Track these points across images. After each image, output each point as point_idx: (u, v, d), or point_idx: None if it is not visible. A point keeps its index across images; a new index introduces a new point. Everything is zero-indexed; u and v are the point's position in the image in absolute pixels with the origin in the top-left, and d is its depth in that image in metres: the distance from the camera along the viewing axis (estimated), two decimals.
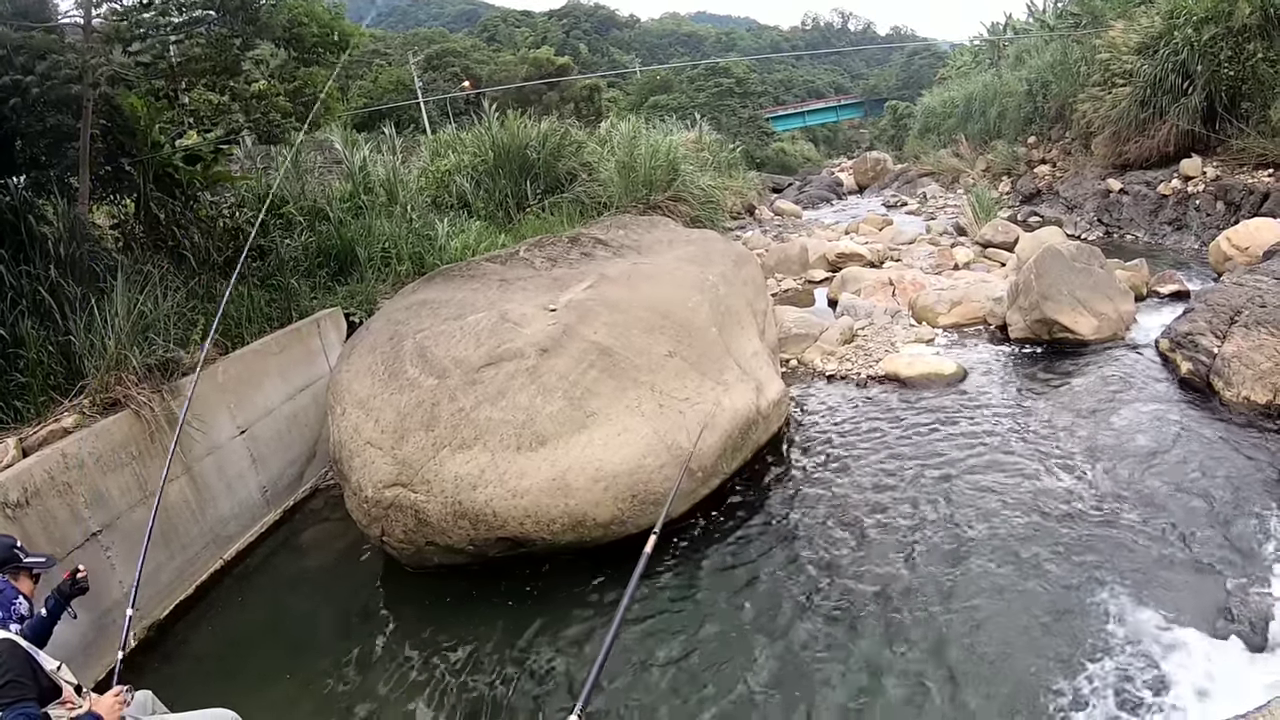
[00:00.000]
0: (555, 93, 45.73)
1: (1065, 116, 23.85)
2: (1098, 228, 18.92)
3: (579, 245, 9.78)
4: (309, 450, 8.88)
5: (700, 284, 8.27)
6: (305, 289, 9.94)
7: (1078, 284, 10.51)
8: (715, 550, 6.70)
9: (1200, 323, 9.01)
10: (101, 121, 8.44)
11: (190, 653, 6.21)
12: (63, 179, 8.06)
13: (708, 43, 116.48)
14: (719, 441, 6.81)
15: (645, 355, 7.02)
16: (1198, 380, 8.54)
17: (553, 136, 18.52)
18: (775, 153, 55.93)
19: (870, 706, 4.90)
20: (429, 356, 7.01)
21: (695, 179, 19.95)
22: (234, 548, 7.59)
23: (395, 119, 29.08)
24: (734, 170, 28.74)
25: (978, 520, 6.62)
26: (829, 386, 10.12)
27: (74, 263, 7.35)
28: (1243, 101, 16.47)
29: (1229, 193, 15.60)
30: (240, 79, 10.54)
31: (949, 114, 35.91)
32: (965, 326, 11.91)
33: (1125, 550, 5.97)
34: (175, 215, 9.44)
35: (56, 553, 5.52)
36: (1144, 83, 18.08)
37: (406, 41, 60.08)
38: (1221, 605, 5.30)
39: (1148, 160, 18.57)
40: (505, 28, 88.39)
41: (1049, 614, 5.43)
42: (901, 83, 75.59)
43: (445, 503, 6.20)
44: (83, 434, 6.05)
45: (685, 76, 60.46)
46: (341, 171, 15.20)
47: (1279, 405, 7.66)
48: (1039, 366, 9.92)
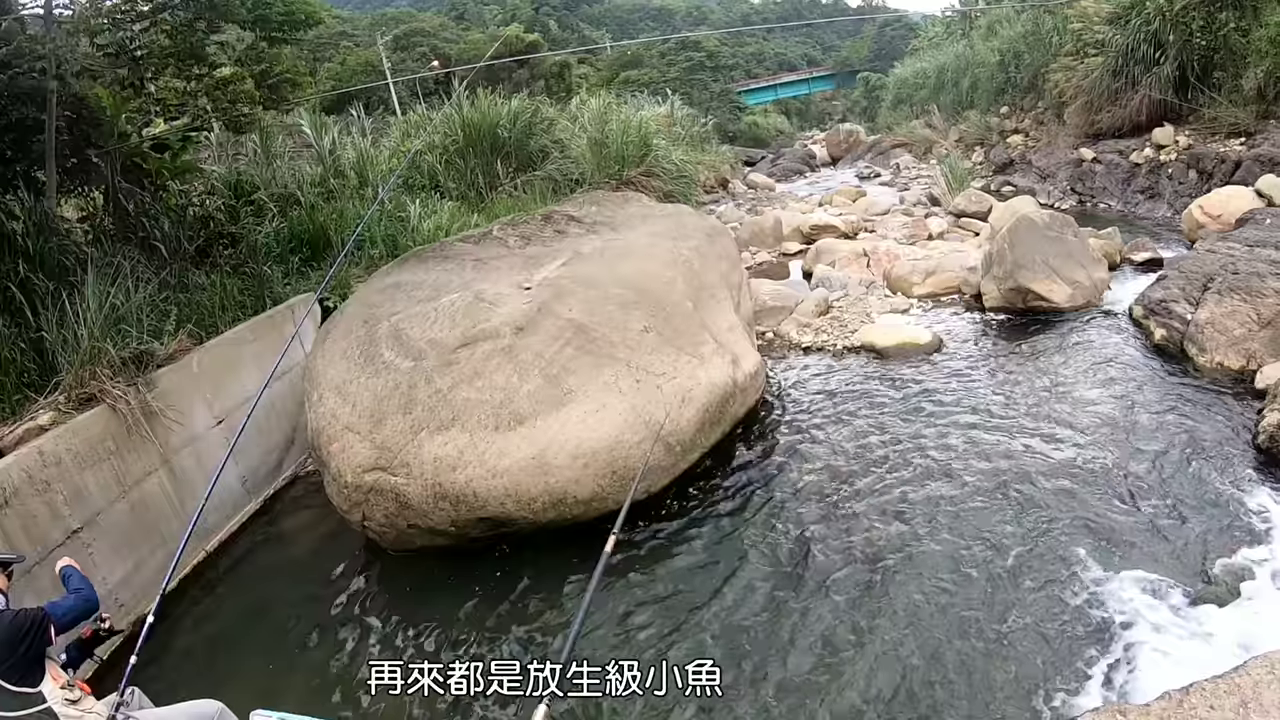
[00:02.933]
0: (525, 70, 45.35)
1: (1038, 86, 23.93)
2: (1071, 197, 19.05)
3: (552, 223, 9.75)
4: (287, 438, 8.85)
5: (674, 259, 8.28)
6: (278, 275, 9.86)
7: (1051, 252, 10.59)
8: (694, 523, 6.75)
9: (1174, 290, 9.11)
10: (67, 113, 8.32)
11: (175, 645, 6.20)
12: (29, 173, 7.96)
13: (678, 17, 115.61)
14: (696, 415, 6.83)
15: (621, 331, 7.03)
16: (1171, 347, 8.65)
17: (523, 114, 18.39)
18: (748, 126, 55.70)
19: (844, 670, 4.96)
20: (404, 339, 6.99)
21: (668, 154, 19.83)
22: (215, 539, 7.57)
23: (365, 101, 28.81)
24: (706, 145, 28.73)
25: (953, 486, 6.70)
26: (805, 358, 10.17)
27: (43, 257, 7.29)
28: (1214, 71, 16.55)
29: (1201, 161, 15.73)
30: (205, 64, 10.41)
31: (921, 85, 36.00)
32: (940, 296, 11.99)
33: (1100, 514, 6.06)
34: (144, 205, 9.33)
35: (38, 551, 5.52)
36: (1116, 52, 18.17)
37: (374, 23, 59.32)
38: (1195, 566, 5.40)
39: (1120, 129, 18.70)
40: (474, 6, 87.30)
41: (1023, 574, 5.52)
42: (873, 54, 75.18)
43: (425, 485, 6.20)
44: (59, 431, 6.01)
45: (656, 51, 59.95)
46: (311, 155, 15.05)
47: (1251, 371, 7.76)
48: (1014, 335, 10.01)
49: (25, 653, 3.40)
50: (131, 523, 6.50)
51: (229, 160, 12.44)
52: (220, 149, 12.85)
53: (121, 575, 6.31)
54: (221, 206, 10.62)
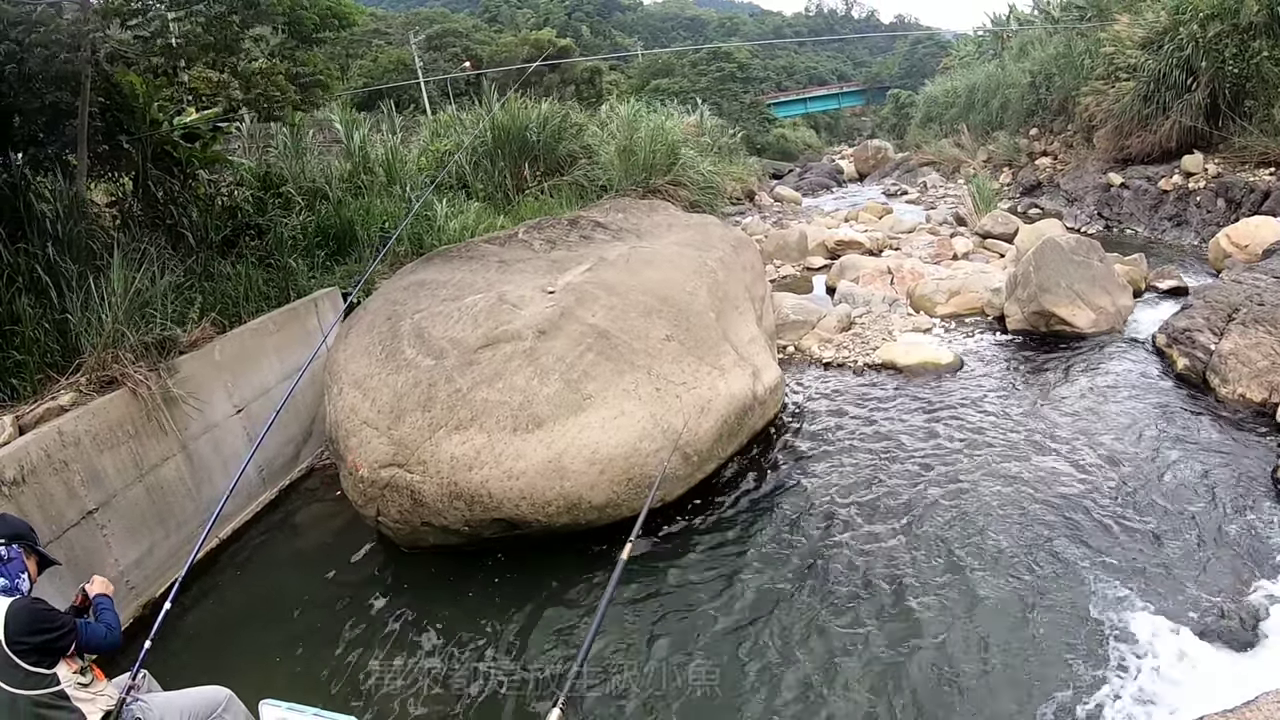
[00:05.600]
0: (556, 74, 45.52)
1: (1068, 109, 23.81)
2: (1097, 221, 18.92)
3: (578, 228, 9.76)
4: (305, 430, 8.88)
5: (699, 269, 8.26)
6: (303, 268, 9.91)
7: (1076, 277, 10.51)
8: (708, 533, 6.71)
9: (1198, 319, 9.02)
10: (100, 99, 8.40)
11: (185, 631, 6.22)
12: (61, 156, 8.04)
13: (710, 27, 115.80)
14: (715, 426, 6.82)
15: (643, 339, 7.02)
16: (1193, 376, 8.56)
17: (553, 119, 18.48)
18: (776, 139, 55.66)
19: (848, 687, 4.92)
20: (426, 337, 7.00)
21: (695, 163, 19.92)
22: (230, 526, 7.59)
23: (395, 99, 28.98)
24: (734, 155, 28.73)
25: (971, 509, 6.65)
26: (826, 373, 10.13)
27: (71, 240, 7.34)
28: (1246, 99, 16.46)
29: (1230, 190, 15.61)
30: (240, 57, 10.49)
31: (951, 104, 35.81)
32: (963, 316, 11.92)
33: (1117, 544, 6.00)
34: (173, 193, 9.41)
35: (53, 530, 5.55)
36: (1148, 77, 18.06)
37: (408, 21, 59.73)
38: (1212, 601, 5.32)
39: (1149, 155, 18.58)
40: (507, 9, 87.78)
41: (1038, 603, 5.45)
42: (904, 71, 75.16)
43: (441, 483, 6.21)
44: (79, 412, 6.04)
45: (687, 60, 60.15)
46: (341, 151, 15.15)
47: (1274, 403, 7.66)
48: (1035, 358, 9.94)
49: (42, 645, 3.43)
50: (147, 506, 6.53)
51: (259, 152, 12.54)
52: (250, 141, 12.96)
53: (135, 558, 6.33)
54: (249, 198, 10.70)
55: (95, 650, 3.75)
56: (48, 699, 3.39)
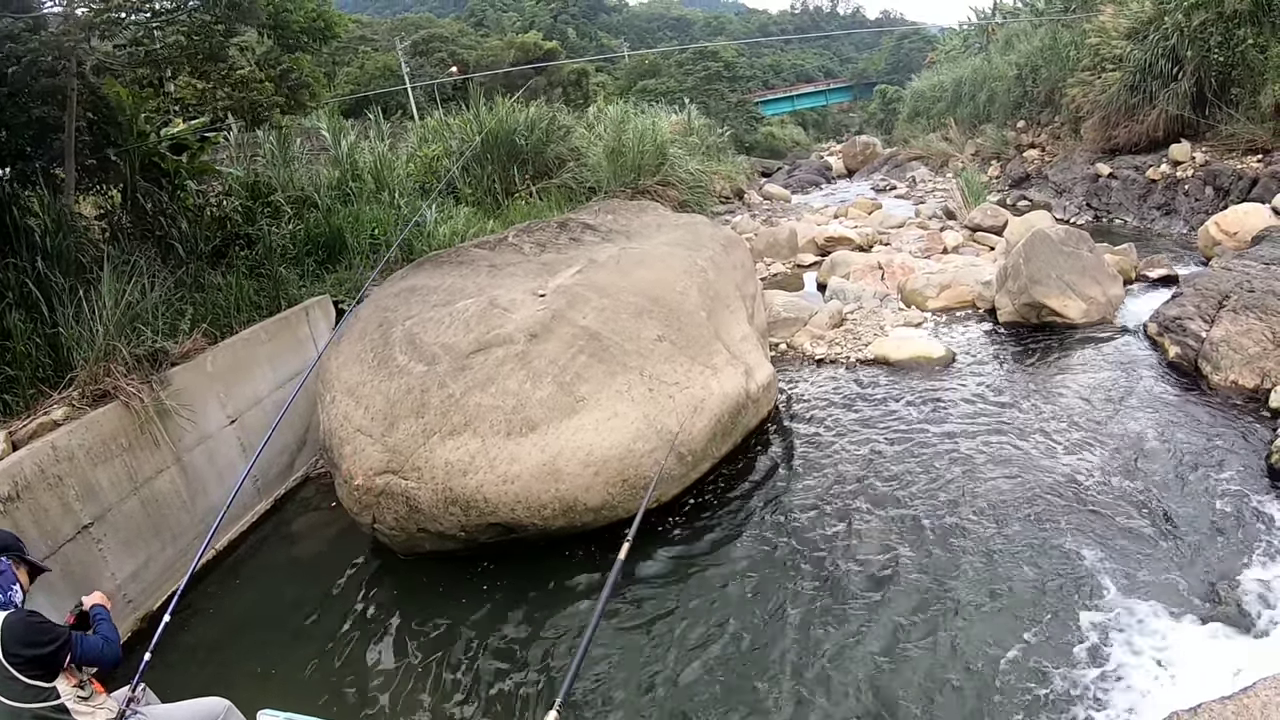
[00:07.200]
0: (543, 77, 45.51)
1: (1055, 101, 23.89)
2: (1086, 212, 18.99)
3: (567, 230, 9.76)
4: (300, 438, 8.87)
5: (689, 268, 8.27)
6: (293, 277, 9.89)
7: (1066, 268, 10.55)
8: (705, 533, 6.73)
9: (1188, 307, 9.05)
10: (87, 112, 8.38)
11: (182, 642, 6.20)
12: (48, 170, 8.00)
13: (696, 26, 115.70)
14: (709, 425, 6.83)
15: (634, 340, 7.03)
16: (1185, 364, 8.60)
17: (541, 122, 18.47)
18: (764, 137, 55.64)
19: (845, 685, 4.94)
20: (418, 343, 7.00)
21: (684, 163, 19.93)
22: (226, 537, 7.57)
23: (383, 105, 28.94)
24: (722, 154, 28.70)
25: (965, 501, 6.68)
26: (818, 370, 10.15)
27: (60, 254, 7.31)
28: (1232, 87, 16.49)
29: (1218, 178, 15.66)
30: (225, 65, 10.46)
31: (938, 98, 35.93)
32: (954, 310, 11.96)
33: (1111, 531, 6.03)
34: (162, 205, 9.37)
35: (49, 545, 5.55)
36: (1134, 68, 18.12)
37: (394, 27, 59.61)
38: (1205, 587, 5.35)
39: (1137, 145, 18.65)
40: (493, 12, 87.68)
41: (1033, 592, 5.48)
42: (891, 67, 75.20)
43: (436, 489, 6.21)
44: (72, 426, 6.02)
45: (674, 61, 60.04)
46: (329, 158, 15.12)
47: (1266, 390, 7.70)
48: (1027, 350, 9.97)
49: (37, 658, 3.43)
50: (142, 519, 6.51)
51: (246, 162, 12.51)
52: (238, 150, 12.93)
53: (131, 570, 6.32)
54: (238, 207, 10.66)
55: (93, 664, 3.74)
56: (48, 712, 3.39)
